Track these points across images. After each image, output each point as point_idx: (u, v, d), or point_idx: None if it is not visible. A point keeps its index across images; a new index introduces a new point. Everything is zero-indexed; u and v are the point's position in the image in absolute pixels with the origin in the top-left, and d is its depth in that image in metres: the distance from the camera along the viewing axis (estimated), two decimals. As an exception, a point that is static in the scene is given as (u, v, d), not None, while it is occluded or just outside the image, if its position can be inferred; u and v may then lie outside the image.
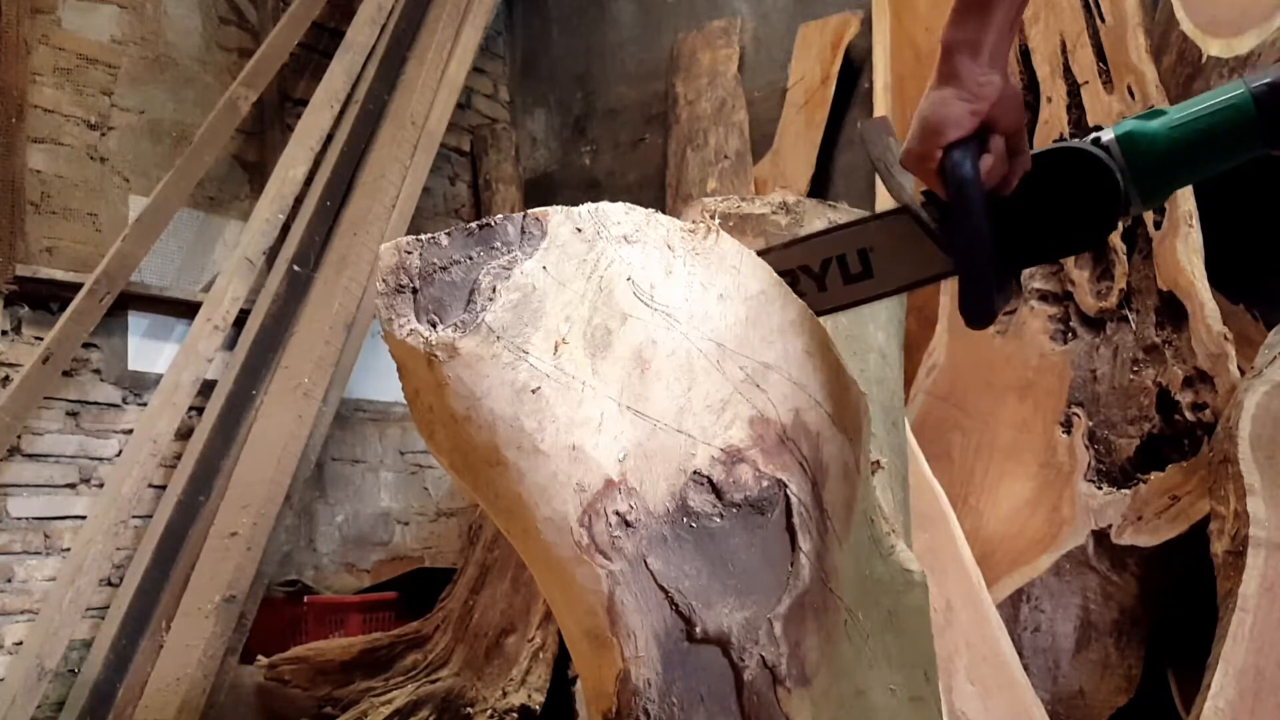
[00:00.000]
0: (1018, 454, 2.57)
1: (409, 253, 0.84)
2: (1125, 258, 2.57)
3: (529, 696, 2.72)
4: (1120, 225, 2.03)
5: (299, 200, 3.60)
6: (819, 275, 1.05)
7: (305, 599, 3.51)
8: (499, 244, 0.86)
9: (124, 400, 3.41)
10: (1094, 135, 0.99)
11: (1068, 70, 2.77)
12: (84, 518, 3.22)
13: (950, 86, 0.95)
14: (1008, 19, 0.95)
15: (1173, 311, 2.51)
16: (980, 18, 0.94)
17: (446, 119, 3.96)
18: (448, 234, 0.85)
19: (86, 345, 3.25)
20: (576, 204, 0.91)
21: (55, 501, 3.24)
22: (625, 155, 4.61)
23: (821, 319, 1.05)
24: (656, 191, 4.25)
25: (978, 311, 0.98)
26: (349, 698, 2.96)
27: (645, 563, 0.93)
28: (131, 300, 3.35)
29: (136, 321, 3.43)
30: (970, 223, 0.94)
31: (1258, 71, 0.95)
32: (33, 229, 3.25)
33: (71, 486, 3.28)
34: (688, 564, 0.95)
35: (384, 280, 0.84)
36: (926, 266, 1.03)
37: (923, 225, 1.00)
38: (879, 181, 3.20)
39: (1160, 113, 0.99)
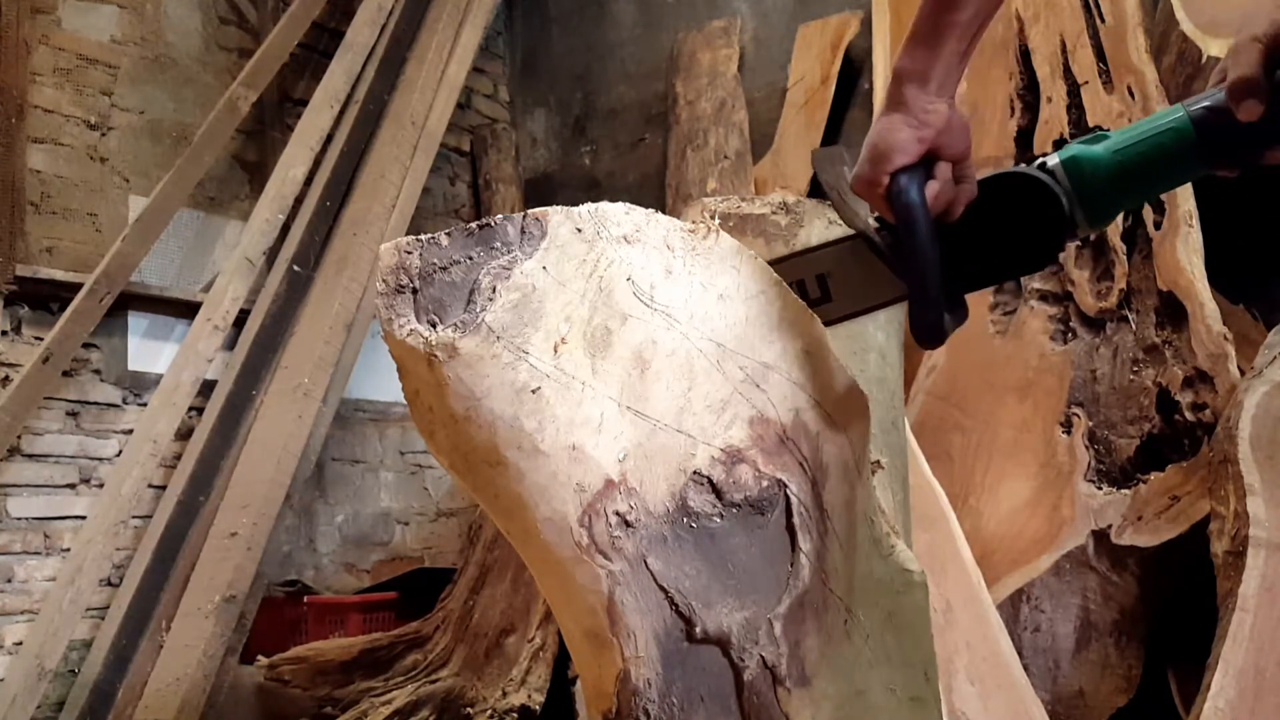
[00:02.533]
0: (1018, 454, 2.57)
1: (409, 253, 0.84)
2: (1125, 258, 2.57)
3: (529, 696, 2.72)
4: (1068, 247, 2.06)
5: (299, 200, 3.60)
6: None
7: (305, 599, 3.52)
8: (499, 244, 0.86)
9: (124, 400, 3.41)
10: (1040, 160, 1.02)
11: (1068, 70, 2.77)
12: (84, 518, 3.22)
13: (898, 113, 0.98)
14: (957, 51, 0.98)
15: (1173, 311, 2.51)
16: (930, 49, 0.98)
17: (446, 119, 3.96)
18: (448, 234, 0.85)
19: (86, 345, 3.25)
20: (576, 204, 0.91)
21: (55, 501, 3.24)
22: (625, 155, 4.60)
23: None
24: (656, 191, 4.25)
25: (927, 332, 1.00)
26: (349, 698, 2.96)
27: (645, 563, 0.93)
28: (131, 300, 3.35)
29: (136, 321, 3.43)
30: (917, 246, 0.97)
31: (1195, 96, 0.98)
32: (33, 229, 3.25)
33: (71, 486, 3.28)
34: (688, 564, 0.95)
35: (384, 280, 0.84)
36: (882, 290, 1.05)
37: (876, 249, 1.03)
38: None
39: (1104, 136, 1.01)
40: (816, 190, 3.73)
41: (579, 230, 0.89)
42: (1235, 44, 0.93)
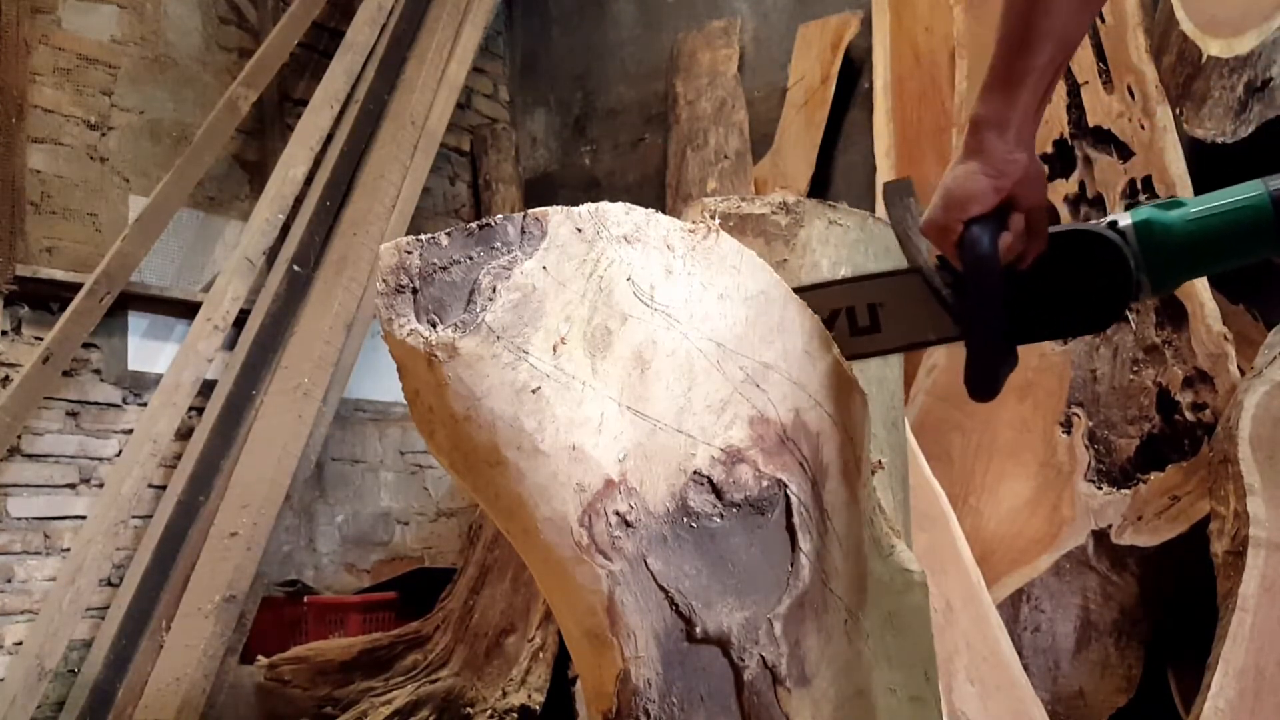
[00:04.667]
0: (1018, 454, 2.57)
1: (409, 253, 0.84)
2: (1125, 258, 2.57)
3: (529, 696, 2.72)
4: (1131, 312, 2.06)
5: (299, 200, 3.60)
6: (826, 324, 1.07)
7: (305, 599, 3.52)
8: (499, 244, 0.86)
9: (124, 400, 3.41)
10: (1112, 219, 1.00)
11: (1068, 70, 2.77)
12: (84, 518, 3.22)
13: (976, 161, 0.97)
14: (1035, 98, 0.97)
15: (1173, 311, 2.51)
16: (1008, 96, 0.96)
17: (446, 119, 3.96)
18: (448, 234, 0.85)
19: (86, 345, 3.25)
20: (576, 204, 0.91)
21: (55, 501, 3.24)
22: (625, 155, 4.61)
23: None
24: (656, 191, 4.25)
25: (983, 384, 1.00)
26: (349, 698, 2.96)
27: (645, 563, 0.93)
28: (131, 300, 3.35)
29: (136, 321, 3.43)
30: (984, 298, 0.96)
31: (1277, 174, 0.96)
32: (33, 229, 3.25)
33: (71, 486, 3.28)
34: (688, 564, 0.95)
35: (384, 280, 0.84)
36: (933, 329, 1.05)
37: (934, 291, 1.02)
38: (879, 197, 3.21)
39: (1179, 203, 1.00)
40: (816, 190, 3.74)
41: (579, 230, 0.89)
42: None
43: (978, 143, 0.97)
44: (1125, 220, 1.00)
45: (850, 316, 1.07)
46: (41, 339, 3.12)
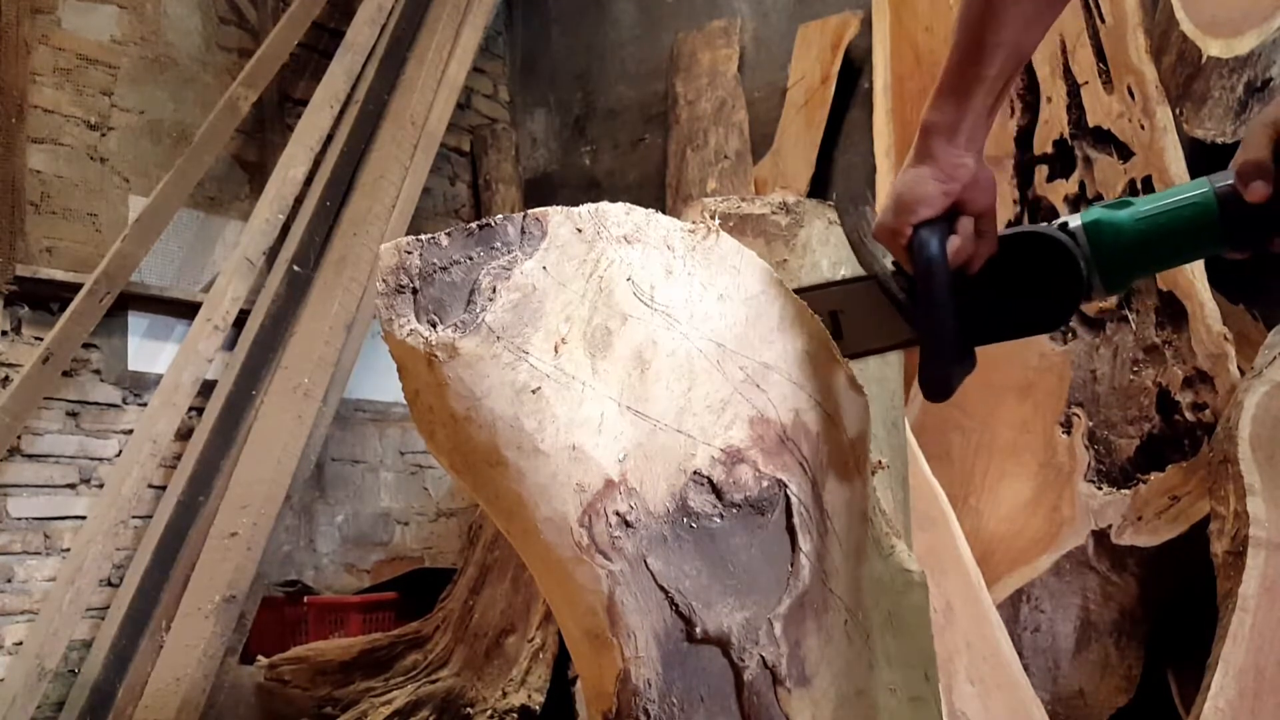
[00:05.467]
0: (1018, 454, 2.57)
1: (409, 253, 0.84)
2: (1125, 258, 2.57)
3: (529, 696, 2.72)
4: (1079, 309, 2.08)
5: (299, 200, 3.60)
6: None
7: (305, 599, 3.51)
8: (499, 244, 0.86)
9: (124, 400, 3.41)
10: (1062, 221, 1.02)
11: (1068, 70, 2.77)
12: (84, 518, 3.22)
13: (926, 166, 0.99)
14: (985, 105, 0.99)
15: (1173, 311, 2.51)
16: (958, 102, 0.98)
17: (446, 119, 3.96)
18: (448, 234, 0.85)
19: (86, 345, 3.25)
20: (576, 204, 0.91)
21: (55, 501, 3.24)
22: (625, 155, 4.60)
23: None
24: (656, 191, 4.25)
25: (936, 384, 1.01)
26: (349, 698, 2.96)
27: (645, 563, 0.93)
28: (131, 300, 3.35)
29: (136, 321, 3.43)
30: (934, 300, 0.98)
31: (1222, 172, 0.97)
32: (33, 229, 3.25)
33: (71, 486, 3.28)
34: (688, 564, 0.95)
35: (384, 280, 0.84)
36: (893, 334, 1.06)
37: (890, 296, 1.04)
38: (881, 201, 3.21)
39: (1128, 203, 1.01)
40: (816, 190, 3.74)
41: (579, 230, 0.89)
42: (1250, 126, 0.94)
43: (927, 148, 0.99)
44: (1075, 221, 1.01)
45: None
46: (41, 339, 3.12)
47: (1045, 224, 1.03)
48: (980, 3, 0.97)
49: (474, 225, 0.86)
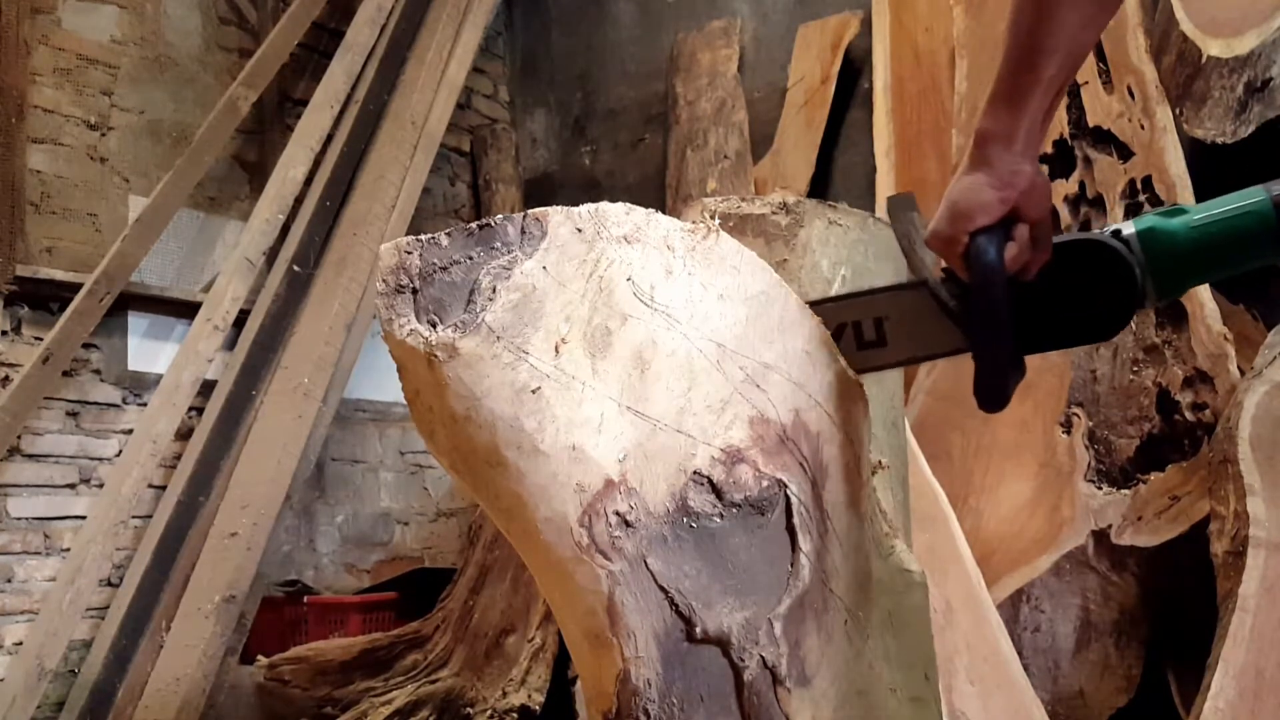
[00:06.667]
0: (1018, 454, 2.57)
1: (409, 253, 0.84)
2: (1125, 258, 2.57)
3: (529, 696, 2.72)
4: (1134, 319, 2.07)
5: (299, 200, 3.60)
6: (834, 337, 1.07)
7: (305, 599, 3.51)
8: (499, 244, 0.86)
9: (124, 400, 3.41)
10: (1115, 228, 1.01)
11: (1068, 70, 2.77)
12: (84, 518, 3.22)
13: (982, 173, 0.98)
14: (1041, 111, 0.98)
15: (1173, 311, 2.51)
16: (1013, 110, 0.97)
17: (446, 119, 3.96)
18: (448, 234, 0.85)
19: (86, 345, 3.25)
20: (576, 204, 0.91)
21: (55, 501, 3.24)
22: (625, 155, 4.60)
23: None
24: (656, 191, 4.24)
25: (993, 394, 1.00)
26: (349, 698, 2.96)
27: (645, 563, 0.93)
28: (131, 300, 3.35)
29: (136, 321, 3.42)
30: (991, 309, 0.97)
31: (1278, 180, 0.96)
32: (33, 229, 3.25)
33: (71, 486, 3.28)
34: (688, 564, 0.95)
35: (384, 280, 0.84)
36: (940, 341, 1.05)
37: (941, 303, 1.03)
38: (879, 198, 3.20)
39: (1182, 210, 1.00)
40: (816, 190, 3.74)
41: (579, 230, 0.89)
42: None
43: (983, 155, 0.98)
44: (1129, 229, 1.00)
45: (856, 330, 1.07)
46: (41, 339, 3.12)
47: (1098, 231, 1.02)
48: (1033, 8, 0.95)
49: (474, 225, 0.86)
